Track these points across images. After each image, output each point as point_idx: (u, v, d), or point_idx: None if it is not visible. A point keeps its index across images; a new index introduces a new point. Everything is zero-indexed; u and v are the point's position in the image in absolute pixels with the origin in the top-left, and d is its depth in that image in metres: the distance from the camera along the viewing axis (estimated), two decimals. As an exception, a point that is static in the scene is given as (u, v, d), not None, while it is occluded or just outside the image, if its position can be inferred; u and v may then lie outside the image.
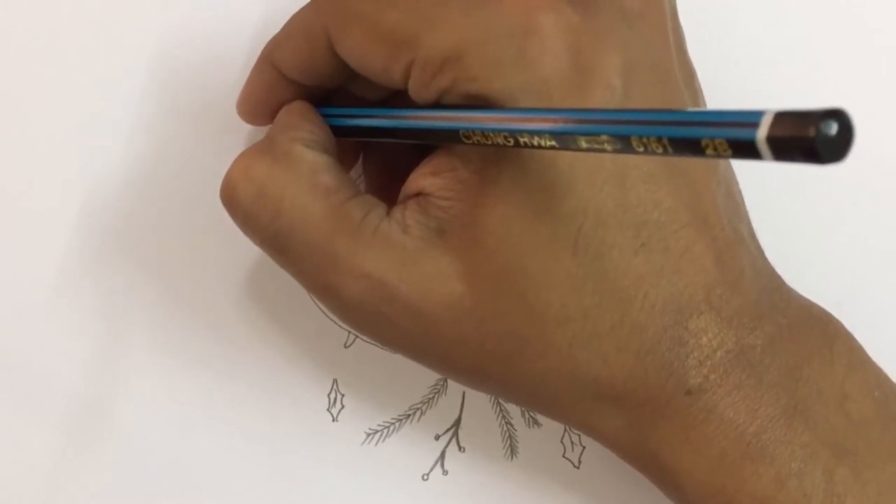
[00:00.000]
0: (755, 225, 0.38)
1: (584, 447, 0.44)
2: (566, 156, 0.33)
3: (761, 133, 0.24)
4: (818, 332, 0.36)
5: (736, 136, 0.24)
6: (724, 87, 0.40)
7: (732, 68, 0.43)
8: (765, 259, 0.37)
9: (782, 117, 0.23)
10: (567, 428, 0.44)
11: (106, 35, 0.44)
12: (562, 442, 0.44)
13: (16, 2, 0.44)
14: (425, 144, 0.37)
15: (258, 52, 0.39)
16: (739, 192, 0.38)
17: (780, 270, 0.38)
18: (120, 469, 0.43)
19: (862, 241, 0.44)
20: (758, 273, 0.36)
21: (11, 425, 0.43)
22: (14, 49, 0.44)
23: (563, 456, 0.44)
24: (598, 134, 0.28)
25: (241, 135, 0.43)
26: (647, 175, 0.34)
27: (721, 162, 0.37)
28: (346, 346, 0.44)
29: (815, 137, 0.23)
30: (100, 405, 0.43)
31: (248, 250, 0.43)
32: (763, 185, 0.40)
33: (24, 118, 0.44)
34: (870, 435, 0.35)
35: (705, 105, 0.38)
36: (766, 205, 0.39)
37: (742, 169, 0.38)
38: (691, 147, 0.26)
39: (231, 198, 0.37)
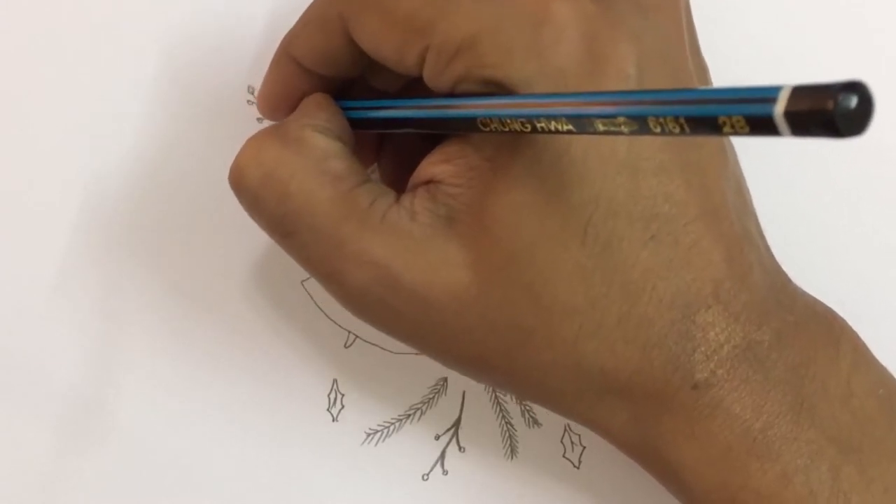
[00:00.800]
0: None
1: (584, 447, 0.44)
2: (579, 145, 0.33)
3: (779, 108, 0.23)
4: (824, 331, 0.36)
5: (753, 112, 0.24)
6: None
7: (733, 67, 0.43)
8: (772, 256, 0.37)
9: (800, 91, 0.23)
10: (567, 428, 0.44)
11: (107, 32, 0.44)
12: (562, 442, 0.44)
13: (16, 1, 0.44)
14: (439, 138, 0.37)
15: (264, 46, 0.40)
16: (747, 189, 0.38)
17: (783, 268, 0.38)
18: (119, 469, 0.43)
19: (864, 240, 0.44)
20: (765, 270, 0.36)
21: (11, 425, 0.43)
22: (14, 48, 0.44)
23: (563, 456, 0.44)
24: (614, 116, 0.28)
25: (244, 131, 0.43)
26: (658, 167, 0.34)
27: (731, 158, 0.37)
28: (346, 346, 0.44)
29: (833, 111, 0.22)
30: (100, 405, 0.43)
31: (248, 251, 0.43)
32: (766, 182, 0.40)
33: (24, 117, 0.44)
34: (874, 433, 0.35)
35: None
36: (768, 203, 0.39)
37: (745, 166, 0.38)
38: (708, 125, 0.26)
39: (239, 180, 0.37)
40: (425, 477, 0.44)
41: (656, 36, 0.35)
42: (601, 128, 0.29)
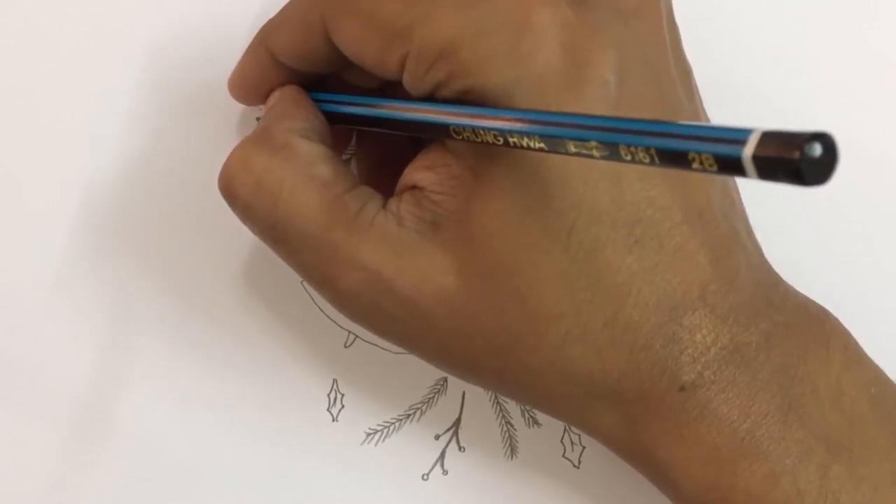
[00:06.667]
0: (754, 224, 0.38)
1: (584, 447, 0.44)
2: None
3: (747, 151, 0.24)
4: (814, 330, 0.36)
5: (722, 153, 0.25)
6: (722, 85, 0.40)
7: (731, 65, 0.43)
8: (762, 256, 0.37)
9: (768, 137, 0.24)
10: (567, 428, 0.44)
11: (103, 29, 0.44)
12: (562, 442, 0.44)
13: (12, 1, 0.44)
14: (419, 135, 0.37)
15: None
16: (736, 188, 0.38)
17: (778, 271, 0.38)
18: (120, 469, 0.43)
19: (861, 242, 0.44)
20: (754, 270, 0.36)
21: (11, 425, 0.43)
22: (9, 44, 0.44)
23: (563, 456, 0.44)
24: (587, 140, 0.29)
25: (240, 129, 0.43)
26: (641, 172, 0.34)
27: None
28: (346, 346, 0.44)
29: (798, 160, 0.23)
30: (100, 406, 0.43)
31: (248, 250, 0.43)
32: (761, 184, 0.40)
33: (22, 118, 0.44)
34: (865, 431, 0.35)
35: (701, 102, 0.38)
36: (764, 205, 0.39)
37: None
38: (678, 159, 0.26)
39: (229, 188, 0.37)
40: (425, 477, 0.44)
41: (637, 42, 0.35)
42: (573, 149, 0.29)
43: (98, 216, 0.44)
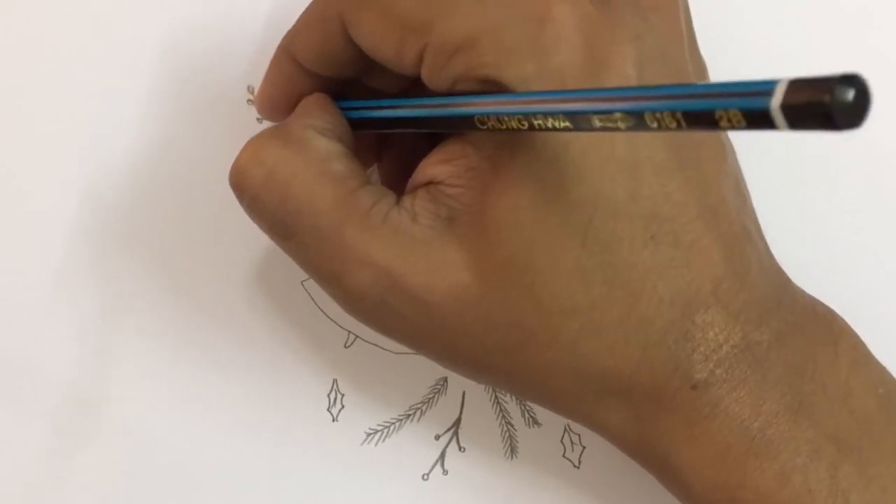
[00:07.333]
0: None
1: (584, 447, 0.44)
2: (577, 144, 0.33)
3: (776, 101, 0.23)
4: (823, 330, 0.36)
5: (750, 106, 0.24)
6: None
7: (732, 64, 0.43)
8: (771, 256, 0.37)
9: (796, 84, 0.23)
10: (567, 428, 0.44)
11: (110, 28, 0.44)
12: (562, 442, 0.44)
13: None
14: (438, 139, 0.37)
15: (264, 45, 0.40)
16: (746, 187, 0.38)
17: (783, 268, 0.38)
18: (120, 468, 0.43)
19: (865, 240, 0.44)
20: (765, 269, 0.36)
21: (11, 424, 0.43)
22: (16, 43, 0.44)
23: (563, 456, 0.44)
24: (611, 112, 0.28)
25: (244, 131, 0.43)
26: (658, 166, 0.34)
27: (729, 155, 0.37)
28: (346, 346, 0.44)
29: (830, 103, 0.22)
30: (100, 405, 0.43)
31: (248, 251, 0.43)
32: (765, 184, 0.40)
33: (23, 117, 0.44)
34: (874, 431, 0.35)
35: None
36: (768, 205, 0.39)
37: (744, 165, 0.38)
38: (705, 120, 0.26)
39: (239, 181, 0.37)
40: (425, 477, 0.44)
41: (656, 37, 0.35)
42: (598, 124, 0.29)
43: (99, 216, 0.44)
